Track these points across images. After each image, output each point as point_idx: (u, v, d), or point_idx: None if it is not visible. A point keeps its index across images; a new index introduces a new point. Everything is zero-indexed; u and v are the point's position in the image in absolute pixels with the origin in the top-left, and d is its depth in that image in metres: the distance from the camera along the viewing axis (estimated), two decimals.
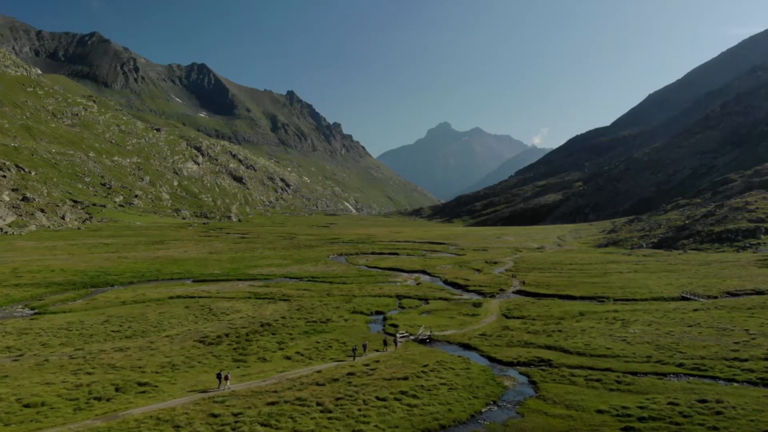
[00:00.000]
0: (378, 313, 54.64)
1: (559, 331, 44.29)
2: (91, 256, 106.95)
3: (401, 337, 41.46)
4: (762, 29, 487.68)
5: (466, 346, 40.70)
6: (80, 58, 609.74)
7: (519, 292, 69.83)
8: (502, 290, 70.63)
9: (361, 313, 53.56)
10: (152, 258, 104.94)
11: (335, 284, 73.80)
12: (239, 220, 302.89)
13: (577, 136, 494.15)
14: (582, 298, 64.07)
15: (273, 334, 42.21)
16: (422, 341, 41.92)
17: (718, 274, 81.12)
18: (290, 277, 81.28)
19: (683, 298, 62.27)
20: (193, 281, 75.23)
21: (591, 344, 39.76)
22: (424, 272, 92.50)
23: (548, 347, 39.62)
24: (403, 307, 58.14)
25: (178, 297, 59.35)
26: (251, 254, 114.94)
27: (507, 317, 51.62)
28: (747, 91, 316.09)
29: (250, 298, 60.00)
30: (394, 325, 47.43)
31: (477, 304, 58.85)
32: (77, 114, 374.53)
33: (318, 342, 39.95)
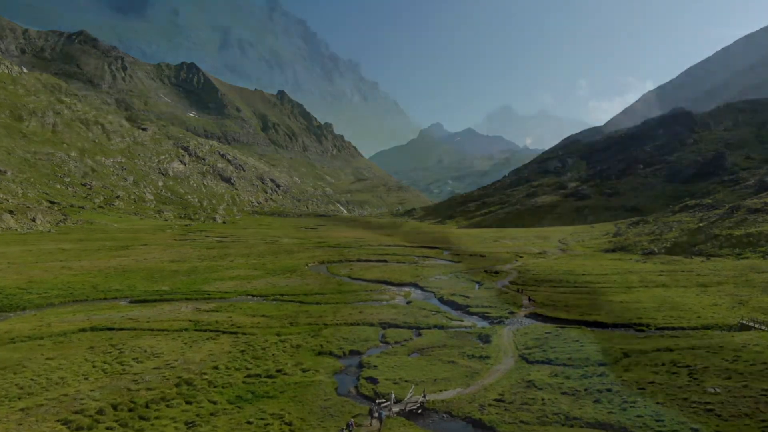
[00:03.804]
0: (353, 353, 40.55)
1: (608, 390, 30.70)
2: (32, 266, 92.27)
3: (383, 404, 27.81)
4: (758, 28, 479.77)
5: (478, 424, 26.82)
6: (67, 57, 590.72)
7: (533, 316, 56.32)
8: (511, 312, 57.09)
9: (330, 354, 39.45)
10: (102, 268, 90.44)
11: (305, 305, 59.67)
12: (224, 222, 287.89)
13: (571, 136, 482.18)
14: (615, 325, 50.55)
15: (188, 402, 28.07)
16: (412, 413, 28.23)
17: (766, 289, 68.19)
18: (253, 295, 66.96)
19: (744, 327, 49.07)
20: (130, 302, 60.58)
21: (665, 421, 26.28)
22: (415, 285, 79.20)
23: (602, 426, 26.05)
24: (387, 342, 44.28)
25: (91, 329, 44.91)
26: (219, 263, 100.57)
27: (527, 361, 37.92)
28: (749, 87, 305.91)
29: (186, 330, 45.53)
30: (373, 379, 33.37)
31: (484, 338, 45.16)
32: (60, 112, 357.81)
33: (250, 421, 25.91)
